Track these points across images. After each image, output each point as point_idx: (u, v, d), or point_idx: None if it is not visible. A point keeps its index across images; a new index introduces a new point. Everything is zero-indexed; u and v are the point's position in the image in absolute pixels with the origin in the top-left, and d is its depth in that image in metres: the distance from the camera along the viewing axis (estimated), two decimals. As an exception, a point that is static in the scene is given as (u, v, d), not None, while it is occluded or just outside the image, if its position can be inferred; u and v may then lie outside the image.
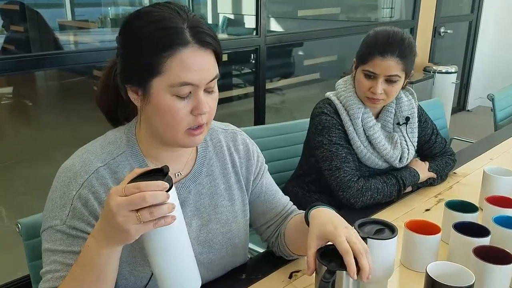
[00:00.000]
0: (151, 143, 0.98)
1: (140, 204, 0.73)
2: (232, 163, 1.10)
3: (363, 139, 1.52)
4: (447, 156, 1.72)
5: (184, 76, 0.87)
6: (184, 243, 0.84)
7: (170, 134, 0.92)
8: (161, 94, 0.88)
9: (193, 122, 0.91)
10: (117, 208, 0.73)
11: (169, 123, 0.90)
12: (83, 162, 0.95)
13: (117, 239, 0.78)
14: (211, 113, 0.94)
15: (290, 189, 1.69)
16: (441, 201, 1.56)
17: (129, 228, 0.74)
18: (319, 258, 0.95)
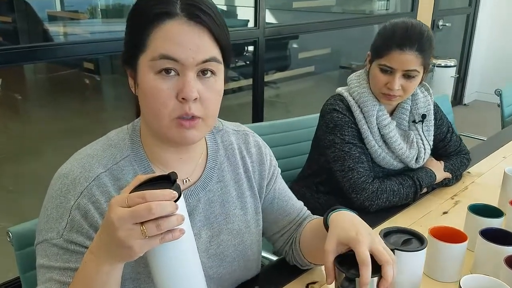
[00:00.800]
0: (154, 145, 0.89)
1: (145, 217, 0.63)
2: (244, 168, 1.01)
3: (378, 138, 1.44)
4: (462, 155, 1.64)
5: (165, 48, 0.77)
6: (193, 260, 0.74)
7: (157, 126, 0.82)
8: (145, 73, 0.79)
9: (180, 110, 0.79)
10: (119, 221, 0.64)
11: (152, 108, 0.80)
12: (83, 168, 0.84)
13: (118, 255, 0.68)
14: (208, 105, 0.81)
15: (297, 189, 1.59)
16: (458, 202, 1.48)
17: (132, 244, 0.64)
18: (337, 264, 0.86)
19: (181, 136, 0.82)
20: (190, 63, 0.78)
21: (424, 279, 1.10)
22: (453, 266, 1.08)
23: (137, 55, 0.80)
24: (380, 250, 0.82)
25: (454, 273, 1.09)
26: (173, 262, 0.71)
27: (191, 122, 0.81)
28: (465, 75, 5.44)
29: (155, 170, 0.88)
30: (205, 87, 0.81)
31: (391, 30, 1.37)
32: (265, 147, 1.06)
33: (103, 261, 0.70)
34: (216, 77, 0.82)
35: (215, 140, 0.98)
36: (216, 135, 0.99)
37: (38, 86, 4.65)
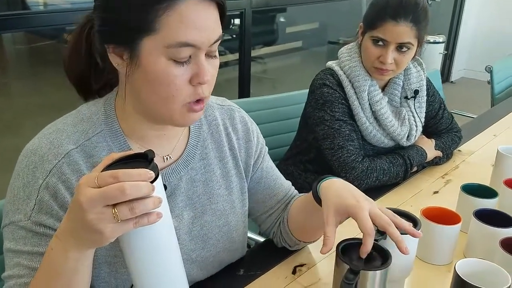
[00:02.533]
0: (135, 121, 0.81)
1: (117, 198, 0.57)
2: (229, 145, 0.94)
3: (369, 115, 1.38)
4: (453, 133, 1.60)
5: (184, 35, 0.70)
6: (171, 246, 0.68)
7: (164, 110, 0.76)
8: (153, 57, 0.71)
9: (193, 94, 0.75)
10: (88, 203, 0.57)
11: (163, 94, 0.74)
12: (51, 144, 0.77)
13: (87, 241, 0.62)
14: (212, 83, 0.78)
15: (284, 168, 1.54)
16: (449, 182, 1.45)
17: (102, 229, 0.58)
18: (340, 254, 0.81)
19: (190, 120, 0.79)
20: (204, 46, 0.73)
21: (416, 262, 1.06)
22: (446, 248, 1.04)
23: (139, 36, 0.71)
24: (380, 214, 0.81)
25: (447, 256, 1.05)
26: (148, 248, 0.65)
27: (202, 105, 0.77)
28: (453, 52, 5.40)
29: (131, 147, 0.82)
30: (211, 66, 0.76)
31: (384, 0, 1.29)
32: (252, 124, 0.99)
33: (70, 247, 0.63)
34: (217, 53, 0.78)
35: None
36: None
37: (17, 58, 4.49)
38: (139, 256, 0.65)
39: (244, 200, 0.98)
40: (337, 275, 0.83)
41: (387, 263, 0.79)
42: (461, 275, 0.83)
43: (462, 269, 0.85)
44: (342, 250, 0.83)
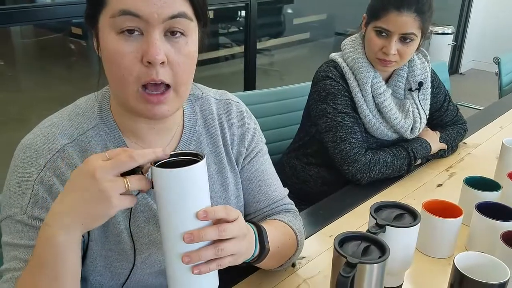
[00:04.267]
0: (124, 114, 0.81)
1: (127, 164, 0.62)
2: (223, 140, 0.92)
3: (372, 107, 1.37)
4: (459, 125, 1.58)
5: (125, 3, 0.68)
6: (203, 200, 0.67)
7: (121, 93, 0.74)
8: (106, 33, 0.71)
9: (145, 75, 0.70)
10: (102, 171, 0.61)
11: (115, 74, 0.72)
12: (46, 138, 0.77)
13: (90, 215, 0.63)
14: (178, 71, 0.72)
15: (288, 161, 1.54)
16: (453, 175, 1.43)
17: (112, 197, 0.61)
18: (338, 247, 0.81)
19: (150, 111, 0.74)
20: (154, 20, 0.68)
21: (417, 255, 1.06)
22: (447, 242, 1.04)
23: (98, 11, 0.71)
24: None
25: (448, 249, 1.04)
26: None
27: (160, 97, 0.73)
28: (462, 43, 5.33)
29: (126, 141, 0.81)
30: (174, 49, 0.72)
31: None
32: (250, 120, 0.97)
33: (61, 230, 0.64)
34: (186, 38, 0.73)
35: (193, 110, 0.91)
36: (194, 104, 0.91)
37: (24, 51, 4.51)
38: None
39: (239, 196, 0.96)
40: (335, 268, 0.83)
41: (384, 256, 0.79)
42: (460, 268, 0.83)
43: (461, 263, 0.84)
44: (340, 243, 0.83)
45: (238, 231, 0.69)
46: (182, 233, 0.64)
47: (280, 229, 0.92)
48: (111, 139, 0.80)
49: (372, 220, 0.90)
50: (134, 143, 0.83)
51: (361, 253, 0.80)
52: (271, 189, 0.98)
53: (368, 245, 0.82)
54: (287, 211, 1.00)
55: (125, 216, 0.81)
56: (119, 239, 0.81)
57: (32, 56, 4.52)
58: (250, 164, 0.96)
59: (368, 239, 0.84)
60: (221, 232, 0.66)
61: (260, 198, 0.97)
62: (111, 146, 0.80)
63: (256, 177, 0.96)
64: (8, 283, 0.73)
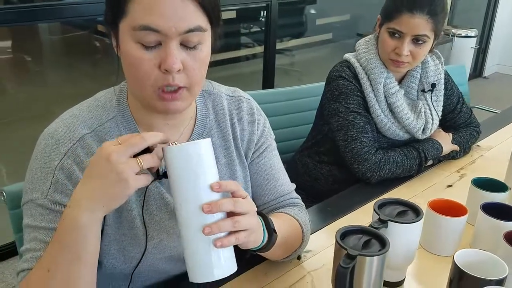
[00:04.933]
0: (140, 108, 0.86)
1: (139, 144, 0.68)
2: (233, 135, 0.97)
3: (384, 107, 1.39)
4: (472, 128, 1.59)
5: (145, 19, 0.73)
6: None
7: (138, 92, 0.80)
8: (126, 39, 0.76)
9: (162, 80, 0.76)
10: (116, 154, 0.67)
11: (134, 77, 0.78)
12: (68, 128, 0.83)
13: (110, 196, 0.68)
14: (193, 75, 0.78)
15: (300, 159, 1.57)
16: (464, 176, 1.44)
17: (128, 177, 0.67)
18: (339, 239, 0.84)
19: (165, 107, 0.80)
20: (172, 33, 0.73)
21: (421, 252, 1.08)
22: (451, 240, 1.05)
23: (119, 18, 0.76)
24: None
25: (452, 247, 1.06)
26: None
27: (174, 95, 0.78)
28: (486, 46, 5.25)
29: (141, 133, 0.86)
30: (190, 57, 0.77)
31: None
32: (260, 117, 1.01)
33: (83, 212, 0.69)
34: (202, 45, 0.78)
35: (205, 104, 0.95)
36: (207, 99, 0.96)
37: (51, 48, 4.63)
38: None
39: (247, 189, 1.00)
40: (335, 259, 0.86)
41: (384, 249, 0.81)
42: (460, 265, 0.85)
43: (461, 259, 0.86)
44: (342, 236, 0.86)
45: (249, 206, 0.74)
46: (200, 205, 0.69)
47: (286, 221, 0.96)
48: (128, 130, 0.86)
49: (375, 216, 0.93)
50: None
51: (362, 246, 0.83)
52: (278, 183, 1.02)
53: (369, 239, 0.85)
54: (293, 205, 1.03)
55: (138, 203, 0.86)
56: (133, 225, 0.86)
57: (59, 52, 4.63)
58: (259, 158, 1.00)
59: (369, 233, 0.87)
60: (236, 203, 0.71)
61: (268, 192, 1.01)
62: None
63: (264, 171, 1.00)
64: (28, 262, 0.79)
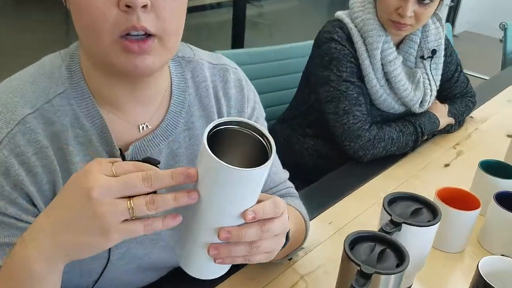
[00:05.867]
0: (98, 78, 0.66)
1: (138, 187, 0.48)
2: (219, 114, 0.78)
3: (380, 76, 1.22)
4: (468, 98, 1.45)
5: None
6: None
7: (95, 46, 0.59)
8: None
9: (124, 22, 0.56)
10: (102, 190, 0.47)
11: (87, 24, 0.58)
12: (4, 107, 0.62)
13: (78, 246, 0.50)
14: (166, 18, 0.59)
15: (281, 131, 1.40)
16: (461, 153, 1.32)
17: (111, 226, 0.48)
18: (348, 250, 0.69)
19: (131, 63, 0.59)
20: None
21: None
22: (462, 235, 0.93)
23: None
24: None
25: (462, 243, 0.94)
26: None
27: (142, 45, 0.58)
28: (458, 4, 5.13)
29: (101, 112, 0.66)
30: None
31: None
32: (249, 90, 0.82)
33: (39, 260, 0.51)
34: None
35: (183, 75, 0.75)
36: (184, 67, 0.76)
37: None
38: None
39: None
40: (344, 274, 0.71)
41: (403, 266, 0.67)
42: (484, 274, 0.72)
43: (486, 268, 0.74)
44: (351, 244, 0.71)
45: (281, 228, 0.58)
46: (217, 228, 0.53)
47: (292, 215, 0.80)
48: (83, 109, 0.65)
49: (386, 216, 0.78)
50: (111, 114, 0.68)
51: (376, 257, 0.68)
52: (272, 171, 0.85)
53: (384, 248, 0.70)
54: (290, 195, 0.88)
55: None
56: None
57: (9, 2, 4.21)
58: None
59: (382, 240, 0.72)
60: (264, 233, 0.55)
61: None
62: (83, 117, 0.65)
63: None
64: None
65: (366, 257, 0.68)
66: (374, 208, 1.05)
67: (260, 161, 0.51)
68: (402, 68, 1.24)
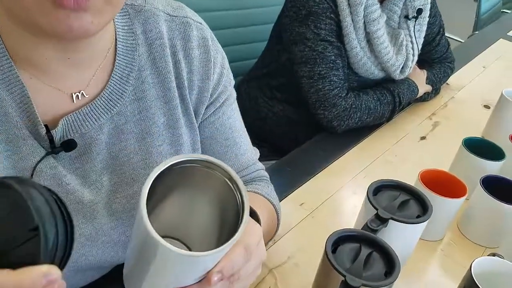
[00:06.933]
0: (20, 34, 0.49)
1: None
2: (177, 81, 0.62)
3: (361, 37, 1.08)
4: (446, 64, 1.36)
5: None
6: None
7: (17, 4, 0.44)
8: None
9: None
10: None
11: None
12: None
13: None
14: None
15: (247, 91, 1.25)
16: (437, 125, 1.23)
17: None
18: (330, 254, 0.58)
19: (62, 24, 0.44)
20: None
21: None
22: (444, 223, 0.84)
23: None
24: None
25: (443, 230, 0.86)
26: None
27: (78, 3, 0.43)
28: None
29: (20, 75, 0.50)
30: None
31: None
32: (217, 51, 0.66)
33: None
34: None
35: (131, 29, 0.59)
36: (134, 19, 0.59)
37: None
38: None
39: None
40: (322, 278, 0.60)
41: (393, 277, 0.57)
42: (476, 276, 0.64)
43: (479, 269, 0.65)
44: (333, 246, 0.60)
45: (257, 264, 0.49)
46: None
47: (263, 208, 0.68)
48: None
49: (371, 210, 0.67)
50: (34, 79, 0.52)
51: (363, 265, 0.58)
52: (241, 151, 0.71)
53: (370, 252, 0.60)
54: (260, 179, 0.75)
55: None
56: None
57: None
58: (215, 116, 0.68)
59: (369, 241, 0.61)
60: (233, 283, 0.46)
61: (228, 163, 0.69)
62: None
63: (222, 134, 0.69)
64: None
65: (350, 263, 0.58)
66: (350, 186, 0.96)
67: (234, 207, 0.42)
68: (385, 28, 1.11)
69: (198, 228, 0.51)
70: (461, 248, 0.85)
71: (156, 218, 0.47)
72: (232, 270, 0.45)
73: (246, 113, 1.20)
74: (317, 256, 0.66)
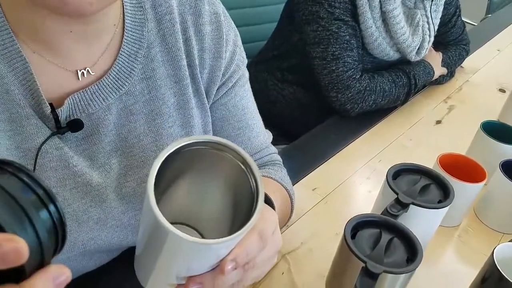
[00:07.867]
0: (22, 5, 0.46)
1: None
2: (188, 60, 0.59)
3: (377, 17, 1.04)
4: (462, 46, 1.32)
5: None
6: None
7: None
8: None
9: None
10: None
11: None
12: None
13: None
14: None
15: (256, 74, 1.21)
16: (453, 108, 1.20)
17: None
18: (350, 239, 0.55)
19: (64, 2, 0.41)
20: None
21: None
22: (463, 208, 0.82)
23: None
24: None
25: (461, 216, 0.83)
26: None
27: None
28: None
29: (21, 49, 0.48)
30: None
31: None
32: (229, 28, 0.62)
33: None
34: None
35: (140, 4, 0.56)
36: None
37: None
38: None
39: None
40: (341, 264, 0.58)
41: (415, 263, 0.54)
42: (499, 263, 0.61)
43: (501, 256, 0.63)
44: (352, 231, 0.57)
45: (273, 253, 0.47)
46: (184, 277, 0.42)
47: (278, 194, 0.65)
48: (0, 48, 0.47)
49: (391, 194, 0.64)
50: (37, 55, 0.49)
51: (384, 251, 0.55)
52: (253, 133, 0.68)
53: (391, 237, 0.57)
54: (273, 163, 0.72)
55: None
56: None
57: None
58: (227, 97, 0.65)
59: (389, 227, 0.59)
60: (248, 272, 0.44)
61: (240, 146, 0.66)
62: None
63: (235, 116, 0.66)
64: None
65: (370, 250, 0.55)
66: (363, 171, 0.93)
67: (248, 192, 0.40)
68: (401, 8, 1.07)
69: (210, 213, 0.48)
70: (478, 234, 0.83)
71: (165, 204, 0.45)
72: (247, 258, 0.42)
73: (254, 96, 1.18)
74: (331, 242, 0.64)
